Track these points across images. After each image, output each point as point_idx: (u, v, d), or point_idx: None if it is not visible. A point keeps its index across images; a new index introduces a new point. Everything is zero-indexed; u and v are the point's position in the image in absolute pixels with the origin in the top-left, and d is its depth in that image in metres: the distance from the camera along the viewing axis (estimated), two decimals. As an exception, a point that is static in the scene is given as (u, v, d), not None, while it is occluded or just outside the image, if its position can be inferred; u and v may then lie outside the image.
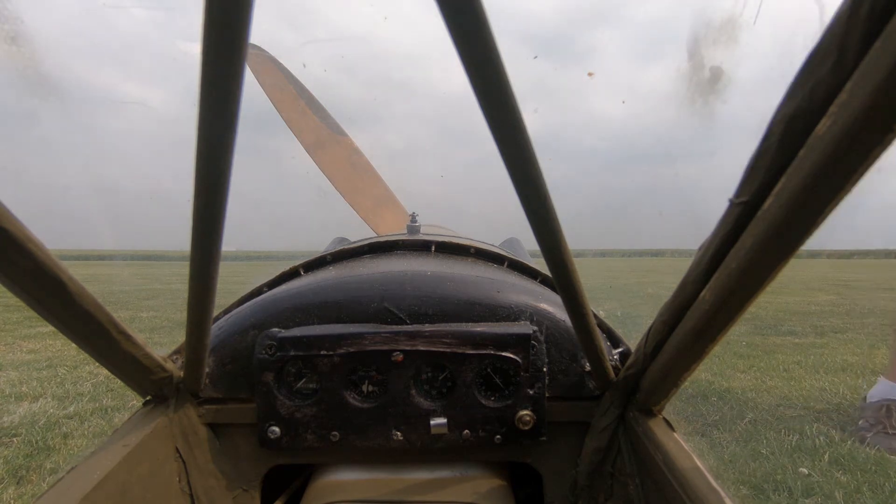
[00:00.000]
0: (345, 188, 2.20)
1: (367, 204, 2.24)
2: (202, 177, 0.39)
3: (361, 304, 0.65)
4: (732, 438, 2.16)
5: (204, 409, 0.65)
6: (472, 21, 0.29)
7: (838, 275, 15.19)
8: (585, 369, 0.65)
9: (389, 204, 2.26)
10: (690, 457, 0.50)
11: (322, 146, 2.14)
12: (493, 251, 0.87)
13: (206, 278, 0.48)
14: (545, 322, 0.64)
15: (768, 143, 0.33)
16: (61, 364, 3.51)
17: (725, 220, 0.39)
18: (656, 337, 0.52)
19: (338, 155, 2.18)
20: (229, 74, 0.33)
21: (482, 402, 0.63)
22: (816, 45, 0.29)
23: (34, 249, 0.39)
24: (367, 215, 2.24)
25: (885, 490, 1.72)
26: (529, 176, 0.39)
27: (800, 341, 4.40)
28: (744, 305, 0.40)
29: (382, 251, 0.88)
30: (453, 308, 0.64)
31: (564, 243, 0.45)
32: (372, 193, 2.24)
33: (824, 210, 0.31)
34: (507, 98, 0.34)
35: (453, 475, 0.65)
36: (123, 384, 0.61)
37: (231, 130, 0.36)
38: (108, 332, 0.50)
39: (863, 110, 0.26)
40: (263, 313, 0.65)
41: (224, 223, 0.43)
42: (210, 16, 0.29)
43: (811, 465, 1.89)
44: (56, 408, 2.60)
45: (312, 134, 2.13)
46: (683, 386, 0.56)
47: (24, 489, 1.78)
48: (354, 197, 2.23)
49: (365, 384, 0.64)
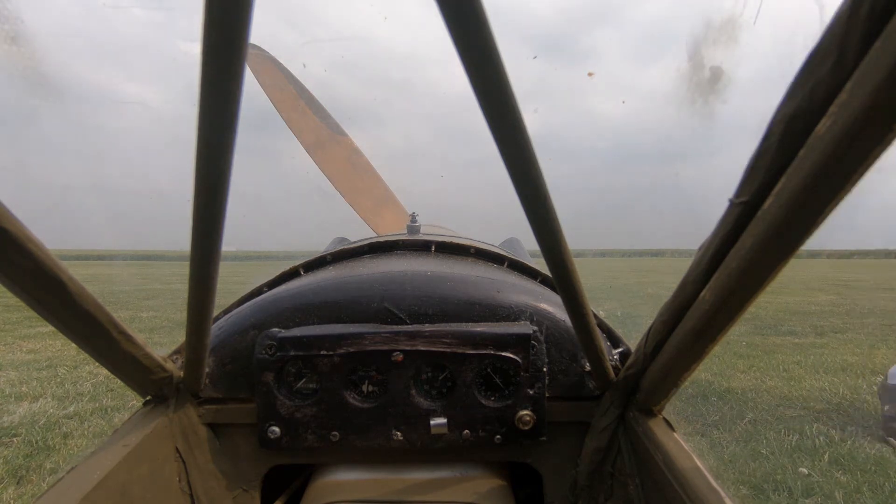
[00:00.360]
0: (345, 188, 2.20)
1: (367, 204, 2.24)
2: (202, 177, 0.39)
3: (361, 304, 0.65)
4: (732, 438, 2.16)
5: (204, 409, 0.65)
6: (472, 21, 0.29)
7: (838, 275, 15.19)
8: (585, 369, 0.65)
9: (389, 204, 2.26)
10: (690, 457, 0.50)
11: (322, 146, 2.14)
12: (493, 251, 0.87)
13: (206, 278, 0.48)
14: (545, 322, 0.64)
15: (768, 143, 0.33)
16: (61, 364, 3.51)
17: (725, 220, 0.39)
18: (656, 337, 0.52)
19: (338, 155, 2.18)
20: (229, 74, 0.33)
21: (482, 402, 0.63)
22: (816, 45, 0.29)
23: (34, 249, 0.39)
24: (367, 215, 2.24)
25: (885, 490, 1.72)
26: (529, 176, 0.39)
27: (800, 341, 4.41)
28: (744, 305, 0.40)
29: (382, 251, 0.88)
30: (453, 308, 0.64)
31: (564, 243, 0.45)
32: (372, 193, 2.24)
33: (824, 210, 0.31)
34: (507, 98, 0.34)
35: (453, 475, 0.65)
36: (123, 384, 0.61)
37: (231, 130, 0.36)
38: (108, 332, 0.50)
39: (863, 110, 0.26)
40: (263, 313, 0.65)
41: (224, 223, 0.43)
42: (210, 16, 0.29)
43: (811, 465, 1.89)
44: (56, 408, 2.60)
45: (312, 134, 2.13)
46: (683, 386, 0.56)
47: (24, 489, 1.78)
48: (354, 197, 2.23)
49: (365, 384, 0.64)
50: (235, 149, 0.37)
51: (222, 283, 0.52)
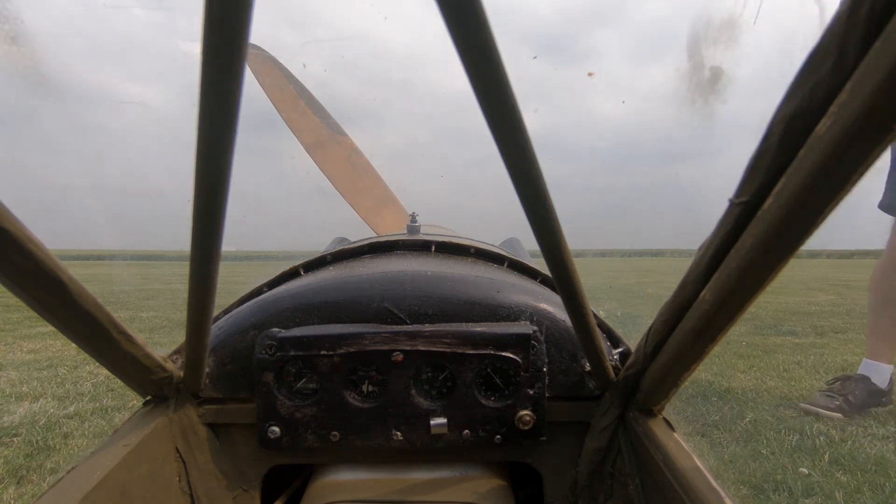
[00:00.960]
0: (345, 188, 2.20)
1: (367, 204, 2.24)
2: (202, 177, 0.39)
3: (361, 304, 0.65)
4: (732, 438, 2.16)
5: (204, 409, 0.65)
6: (472, 21, 0.29)
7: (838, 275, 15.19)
8: (585, 369, 0.65)
9: (389, 204, 2.26)
10: (690, 457, 0.50)
11: (322, 146, 2.14)
12: (493, 251, 0.87)
13: (206, 278, 0.48)
14: (545, 322, 0.64)
15: (768, 143, 0.33)
16: (61, 364, 3.51)
17: (725, 220, 0.39)
18: (656, 337, 0.52)
19: (338, 155, 2.18)
20: (229, 74, 0.33)
21: (482, 402, 0.63)
22: (816, 45, 0.29)
23: (34, 249, 0.39)
24: (367, 215, 2.24)
25: (885, 490, 1.72)
26: (529, 176, 0.39)
27: (800, 341, 4.40)
28: (744, 305, 0.40)
29: (382, 251, 0.88)
30: (453, 308, 0.64)
31: (564, 243, 0.45)
32: (372, 193, 2.24)
33: (824, 210, 0.31)
34: (507, 98, 0.34)
35: (453, 475, 0.65)
36: (123, 384, 0.61)
37: (231, 130, 0.36)
38: (108, 332, 0.50)
39: (863, 110, 0.26)
40: (263, 313, 0.65)
41: (224, 223, 0.43)
42: (210, 16, 0.29)
43: (811, 465, 1.89)
44: (56, 408, 2.60)
45: (312, 134, 2.13)
46: (683, 386, 0.56)
47: (24, 489, 1.78)
48: (354, 197, 2.23)
49: (365, 384, 0.64)
50: (235, 149, 0.38)
51: (222, 283, 0.52)
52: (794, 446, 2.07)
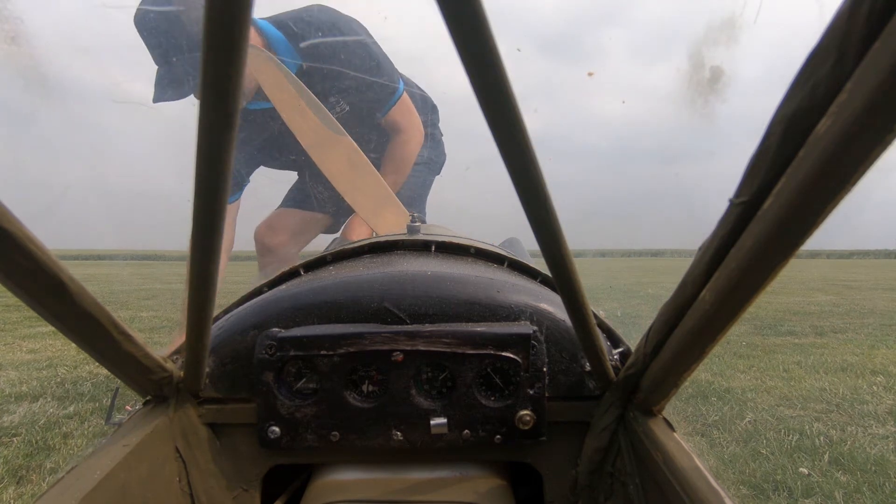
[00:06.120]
0: (345, 188, 2.20)
1: (367, 204, 2.23)
2: (202, 177, 0.39)
3: (361, 304, 0.65)
4: (732, 438, 2.16)
5: (204, 409, 0.65)
6: (472, 21, 0.29)
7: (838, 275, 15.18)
8: (585, 369, 0.65)
9: (389, 204, 2.26)
10: (690, 457, 0.50)
11: (322, 146, 2.14)
12: (493, 251, 0.87)
13: (206, 278, 0.48)
14: (545, 322, 0.64)
15: (768, 143, 0.33)
16: (61, 364, 3.51)
17: (725, 220, 0.39)
18: (656, 337, 0.52)
19: (338, 155, 2.18)
20: (229, 74, 0.32)
21: (482, 402, 0.63)
22: (816, 45, 0.29)
23: (34, 249, 0.39)
24: (367, 215, 2.23)
25: (885, 490, 1.72)
26: (529, 176, 0.39)
27: (800, 341, 4.40)
28: (744, 305, 0.40)
29: (382, 251, 0.87)
30: (453, 308, 0.64)
31: (564, 243, 0.45)
32: (372, 193, 2.24)
33: (824, 210, 0.31)
34: (507, 98, 0.34)
35: (453, 475, 0.65)
36: (123, 384, 0.61)
37: (231, 130, 0.36)
38: (108, 332, 0.50)
39: (863, 110, 0.26)
40: (263, 313, 0.65)
41: (224, 223, 0.43)
42: (210, 16, 0.29)
43: (811, 465, 1.89)
44: (56, 408, 2.60)
45: (312, 134, 2.12)
46: (683, 386, 0.56)
47: (24, 489, 1.78)
48: (354, 197, 2.23)
49: (365, 384, 0.64)
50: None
51: (222, 282, 0.52)
52: (793, 446, 2.07)
